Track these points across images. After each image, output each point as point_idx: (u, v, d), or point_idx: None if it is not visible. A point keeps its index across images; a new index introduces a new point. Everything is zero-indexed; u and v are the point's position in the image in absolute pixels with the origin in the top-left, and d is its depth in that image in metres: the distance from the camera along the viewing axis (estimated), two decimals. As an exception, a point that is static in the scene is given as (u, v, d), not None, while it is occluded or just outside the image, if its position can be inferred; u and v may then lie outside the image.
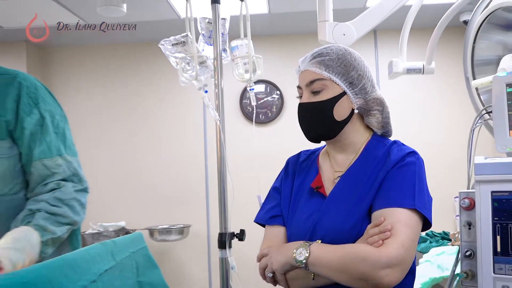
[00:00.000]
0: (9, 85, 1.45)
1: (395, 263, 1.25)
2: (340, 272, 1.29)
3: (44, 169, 1.41)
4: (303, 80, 1.47)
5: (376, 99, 1.47)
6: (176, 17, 3.73)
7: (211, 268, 4.33)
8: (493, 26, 1.80)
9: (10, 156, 1.42)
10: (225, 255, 1.93)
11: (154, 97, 4.45)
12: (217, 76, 2.03)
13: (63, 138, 1.49)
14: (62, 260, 0.89)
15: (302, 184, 1.52)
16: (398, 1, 2.02)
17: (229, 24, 2.14)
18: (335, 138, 1.46)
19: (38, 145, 1.42)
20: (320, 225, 1.40)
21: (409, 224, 1.31)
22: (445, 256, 3.09)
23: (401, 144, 1.47)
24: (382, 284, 1.25)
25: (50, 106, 1.49)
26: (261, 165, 4.13)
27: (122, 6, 2.11)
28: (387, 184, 1.37)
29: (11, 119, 1.42)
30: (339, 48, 1.47)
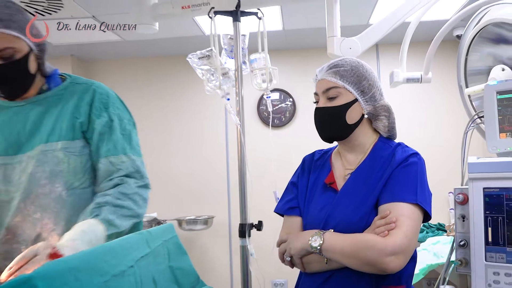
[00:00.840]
0: (85, 92, 1.47)
1: (399, 251, 1.26)
2: (350, 258, 1.30)
3: (110, 165, 1.42)
4: (320, 88, 1.48)
5: (384, 106, 1.49)
6: (201, 34, 3.74)
7: (232, 254, 4.34)
8: (484, 40, 1.78)
9: (82, 154, 1.42)
10: (245, 243, 1.93)
11: (182, 104, 4.47)
12: (238, 86, 2.03)
13: (129, 140, 1.49)
14: (104, 248, 0.89)
15: (317, 180, 1.53)
16: (398, 19, 2.01)
17: (248, 40, 2.15)
18: (346, 139, 1.48)
19: (106, 144, 1.43)
20: (332, 216, 1.41)
21: (412, 217, 1.32)
22: (440, 245, 3.06)
23: (404, 146, 1.49)
24: (387, 269, 1.26)
25: (119, 111, 1.50)
26: (276, 163, 4.14)
27: (155, 24, 2.12)
28: (392, 181, 1.38)
29: (84, 120, 1.44)
30: (352, 60, 1.49)
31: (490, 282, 1.20)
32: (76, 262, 0.76)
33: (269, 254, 1.84)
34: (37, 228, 1.34)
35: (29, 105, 1.45)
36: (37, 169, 1.36)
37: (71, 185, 1.39)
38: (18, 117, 1.43)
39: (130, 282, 0.90)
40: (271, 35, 2.15)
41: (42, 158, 1.37)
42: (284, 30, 3.77)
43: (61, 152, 1.38)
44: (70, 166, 1.39)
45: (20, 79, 1.40)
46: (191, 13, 2.06)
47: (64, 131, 1.41)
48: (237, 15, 1.99)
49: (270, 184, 2.05)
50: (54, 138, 1.39)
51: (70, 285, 0.71)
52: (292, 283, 1.56)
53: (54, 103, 1.45)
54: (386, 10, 3.25)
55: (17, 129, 1.42)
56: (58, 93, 1.47)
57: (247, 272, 1.95)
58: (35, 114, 1.43)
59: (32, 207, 1.35)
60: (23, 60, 1.37)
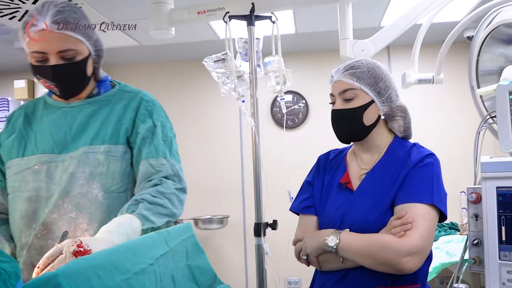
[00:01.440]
0: (132, 99, 1.50)
1: (415, 252, 1.25)
2: (366, 258, 1.29)
3: (149, 167, 1.42)
4: (336, 89, 1.46)
5: (400, 106, 1.47)
6: (216, 38, 3.76)
7: (246, 253, 4.34)
8: (495, 41, 1.76)
9: (123, 159, 1.44)
10: (260, 242, 1.92)
11: (198, 107, 4.49)
12: (252, 88, 2.03)
13: (170, 146, 1.50)
14: (125, 247, 0.90)
15: (332, 179, 1.51)
16: (409, 21, 1.99)
17: (262, 43, 2.14)
18: (363, 140, 1.46)
19: (147, 147, 1.44)
20: (348, 216, 1.39)
21: (428, 217, 1.30)
22: (453, 243, 3.03)
23: (420, 146, 1.46)
24: (404, 270, 1.25)
25: (162, 119, 1.52)
26: (290, 164, 4.14)
27: (171, 29, 2.12)
28: (408, 182, 1.36)
29: (129, 126, 1.45)
30: (368, 61, 1.47)
31: (504, 281, 1.18)
32: (98, 260, 0.76)
33: (283, 252, 1.84)
34: (71, 226, 1.36)
35: (78, 107, 1.47)
36: (78, 169, 1.38)
37: (108, 188, 1.40)
38: (66, 118, 1.46)
39: (150, 279, 0.90)
40: (284, 38, 2.14)
41: (84, 159, 1.39)
42: (297, 33, 3.76)
43: (102, 155, 1.40)
44: (109, 170, 1.40)
45: (77, 80, 1.43)
46: (206, 18, 2.07)
47: (109, 136, 1.43)
48: (251, 19, 1.99)
49: (284, 183, 2.05)
50: (98, 142, 1.41)
51: (93, 282, 0.72)
52: (306, 281, 1.56)
53: (102, 107, 1.48)
54: (397, 13, 3.22)
55: (64, 129, 1.44)
56: (107, 98, 1.50)
57: (263, 270, 1.95)
58: (83, 116, 1.46)
59: (69, 205, 1.36)
60: (82, 62, 1.41)
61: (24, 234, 1.39)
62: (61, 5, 1.36)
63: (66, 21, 1.35)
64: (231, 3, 2.00)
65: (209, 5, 2.04)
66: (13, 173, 1.44)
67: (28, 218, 1.39)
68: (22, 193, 1.40)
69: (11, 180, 1.44)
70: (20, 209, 1.40)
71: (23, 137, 1.47)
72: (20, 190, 1.41)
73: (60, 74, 1.38)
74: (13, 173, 1.44)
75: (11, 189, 1.44)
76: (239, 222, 4.35)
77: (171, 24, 2.10)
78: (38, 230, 1.37)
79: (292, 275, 3.99)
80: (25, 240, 1.38)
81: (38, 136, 1.45)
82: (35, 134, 1.46)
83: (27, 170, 1.41)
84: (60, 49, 1.35)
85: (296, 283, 4.09)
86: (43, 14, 1.33)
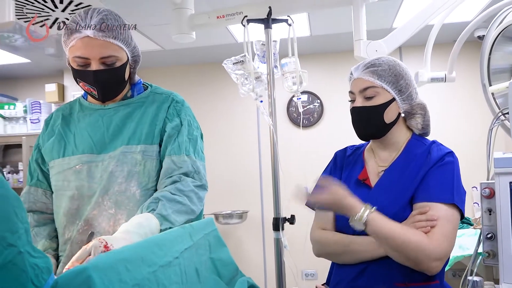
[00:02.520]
0: (164, 101, 1.51)
1: (444, 257, 1.24)
2: (395, 251, 1.25)
3: (171, 163, 1.42)
4: (357, 87, 1.41)
5: (420, 104, 1.42)
6: (235, 42, 3.76)
7: (265, 246, 4.33)
8: (507, 39, 1.72)
9: (157, 158, 1.45)
10: (279, 236, 1.92)
11: (218, 107, 4.50)
12: (270, 88, 2.02)
13: (194, 144, 1.50)
14: (151, 241, 0.90)
15: (349, 175, 1.48)
16: (421, 22, 1.96)
17: (279, 45, 2.13)
18: (382, 137, 1.42)
19: (171, 144, 1.44)
20: None
21: (451, 219, 1.27)
22: (466, 237, 2.97)
23: (439, 144, 1.42)
24: (431, 272, 1.24)
25: (189, 118, 1.52)
26: (306, 161, 4.11)
27: (192, 34, 2.13)
28: (428, 180, 1.32)
29: (162, 126, 1.47)
30: (389, 59, 1.41)
31: (518, 274, 1.15)
32: (127, 254, 0.76)
33: (301, 246, 1.82)
34: (111, 222, 1.37)
35: (113, 108, 1.49)
36: (116, 168, 1.39)
37: (144, 186, 1.41)
38: (103, 119, 1.47)
39: (176, 272, 0.90)
40: (300, 40, 2.13)
41: (122, 158, 1.40)
42: (312, 35, 3.74)
43: (139, 155, 1.41)
44: (146, 168, 1.41)
45: (115, 84, 1.45)
46: (225, 22, 2.06)
47: (144, 136, 1.43)
48: (269, 22, 1.98)
49: (301, 180, 2.04)
50: (135, 142, 1.42)
51: (121, 275, 0.72)
52: (322, 273, 1.54)
53: (137, 109, 1.49)
54: (409, 14, 3.18)
55: (101, 130, 1.46)
56: (140, 100, 1.51)
57: (281, 263, 1.94)
58: (119, 117, 1.47)
59: (108, 203, 1.38)
60: (121, 68, 1.42)
61: (68, 229, 1.41)
62: (104, 13, 1.37)
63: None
64: (249, 8, 2.00)
65: (228, 10, 2.03)
66: (56, 173, 1.46)
67: (71, 215, 1.41)
68: (65, 191, 1.43)
69: (54, 179, 1.47)
70: (63, 206, 1.42)
71: (62, 138, 1.48)
72: (63, 189, 1.43)
73: (101, 79, 1.39)
74: (56, 172, 1.46)
75: (54, 187, 1.47)
76: (258, 217, 4.35)
77: (191, 28, 2.10)
78: (80, 226, 1.39)
79: (309, 267, 3.97)
80: (68, 236, 1.40)
81: (77, 137, 1.47)
82: (73, 135, 1.47)
83: (68, 170, 1.43)
84: (102, 56, 1.36)
85: (312, 275, 4.08)
86: (87, 21, 1.34)
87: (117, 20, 1.40)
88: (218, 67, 2.27)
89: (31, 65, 4.16)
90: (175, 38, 2.14)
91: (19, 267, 0.65)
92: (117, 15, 1.42)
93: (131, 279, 0.73)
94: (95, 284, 0.64)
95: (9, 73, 4.41)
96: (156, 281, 0.81)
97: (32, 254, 0.69)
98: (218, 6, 2.08)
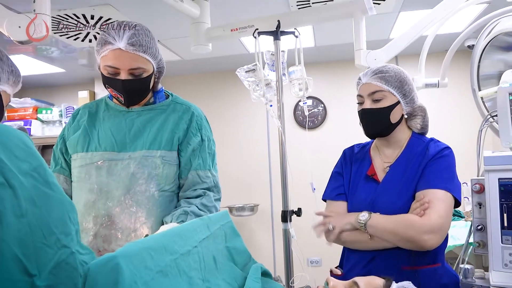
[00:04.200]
0: (185, 112, 1.51)
1: (436, 230, 1.22)
2: (391, 234, 1.26)
3: (197, 177, 1.44)
4: (366, 91, 1.42)
5: (420, 106, 1.45)
6: (247, 52, 3.75)
7: (274, 236, 4.32)
8: (495, 48, 1.70)
9: (175, 164, 1.45)
10: (287, 227, 1.91)
11: (232, 110, 4.50)
12: (278, 94, 2.01)
13: (213, 158, 1.52)
14: (173, 231, 0.90)
15: (359, 170, 1.49)
16: (416, 33, 1.93)
17: (287, 55, 2.12)
18: (387, 136, 1.43)
19: (197, 159, 1.45)
20: (376, 203, 1.37)
21: (444, 199, 1.27)
22: (457, 229, 2.94)
23: (437, 141, 1.45)
24: (425, 246, 1.23)
25: (208, 133, 1.54)
26: (311, 159, 4.09)
27: (209, 45, 2.13)
28: (427, 171, 1.34)
29: (181, 136, 1.46)
30: (394, 67, 1.44)
31: (507, 262, 1.14)
32: (151, 243, 0.76)
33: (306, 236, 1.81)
34: (132, 219, 1.37)
35: (136, 112, 1.49)
36: (138, 170, 1.40)
37: (162, 188, 1.41)
38: (126, 121, 1.47)
39: (195, 260, 0.90)
40: (305, 50, 2.12)
41: (143, 161, 1.40)
42: (316, 46, 3.72)
43: (159, 159, 1.41)
44: (164, 172, 1.42)
45: (141, 93, 1.45)
46: (238, 34, 2.06)
47: (164, 142, 1.43)
48: (277, 34, 1.97)
49: (306, 176, 2.03)
50: (155, 147, 1.43)
51: (146, 262, 0.72)
52: (325, 260, 1.53)
53: (157, 115, 1.49)
54: (404, 26, 3.15)
55: (124, 131, 1.46)
56: (162, 107, 1.51)
57: (289, 251, 1.93)
58: (140, 121, 1.47)
59: (130, 201, 1.38)
60: (148, 79, 1.42)
61: (85, 220, 1.40)
62: (135, 28, 1.37)
63: (139, 43, 1.35)
64: (260, 21, 1.99)
65: (241, 23, 2.03)
66: (78, 165, 1.46)
67: (89, 206, 1.41)
68: (85, 184, 1.42)
69: (76, 171, 1.46)
70: (83, 197, 1.42)
71: (87, 133, 1.48)
72: (84, 181, 1.43)
73: (128, 88, 1.39)
74: (78, 165, 1.46)
75: (75, 178, 1.46)
76: (268, 209, 4.34)
77: (208, 40, 2.10)
78: (104, 221, 1.38)
79: (314, 255, 3.95)
80: (85, 226, 1.40)
81: (100, 135, 1.46)
82: (97, 132, 1.47)
83: (91, 165, 1.43)
84: (131, 67, 1.36)
85: (317, 262, 4.06)
86: (120, 35, 1.33)
87: (147, 35, 1.39)
88: (232, 75, 2.26)
89: (66, 74, 4.20)
90: (193, 49, 2.14)
91: (71, 265, 0.66)
92: (147, 29, 1.41)
93: (155, 265, 0.73)
94: (123, 270, 0.64)
95: (46, 81, 4.46)
96: (177, 267, 0.81)
97: (81, 252, 0.69)
98: (231, 20, 2.08)
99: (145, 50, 1.37)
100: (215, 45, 2.26)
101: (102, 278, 0.62)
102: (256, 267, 1.17)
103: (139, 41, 1.35)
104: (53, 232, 0.64)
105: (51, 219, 0.64)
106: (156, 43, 1.44)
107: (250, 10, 2.78)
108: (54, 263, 0.63)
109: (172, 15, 2.75)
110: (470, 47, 3.39)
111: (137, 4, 2.64)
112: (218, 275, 1.00)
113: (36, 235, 0.61)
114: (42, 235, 0.62)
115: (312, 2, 2.65)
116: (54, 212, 0.65)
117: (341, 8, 1.91)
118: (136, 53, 1.35)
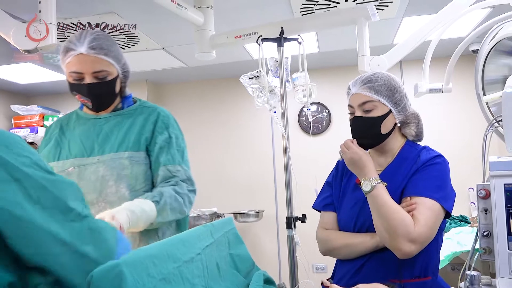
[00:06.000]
0: (151, 113, 1.55)
1: (418, 240, 1.18)
2: (381, 218, 1.22)
3: (168, 172, 1.46)
4: (356, 101, 1.38)
5: (413, 114, 1.40)
6: (250, 59, 3.76)
7: (279, 243, 4.31)
8: (499, 53, 1.69)
9: (144, 163, 1.48)
10: (292, 233, 1.90)
11: (236, 117, 4.50)
12: (282, 100, 2.02)
13: (182, 154, 1.54)
14: (176, 238, 0.90)
15: (349, 180, 1.46)
16: (420, 38, 1.93)
17: (290, 61, 2.13)
18: (378, 146, 1.40)
19: (165, 156, 1.48)
20: (363, 212, 1.34)
21: (432, 208, 1.23)
22: (463, 234, 2.91)
23: (430, 149, 1.39)
24: (400, 252, 1.18)
25: (176, 131, 1.56)
26: (315, 165, 4.08)
27: (213, 52, 2.14)
28: (416, 177, 1.30)
29: (149, 136, 1.50)
30: (383, 74, 1.38)
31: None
32: (154, 250, 0.76)
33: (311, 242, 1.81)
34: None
35: (104, 118, 1.53)
36: (107, 172, 1.43)
37: (133, 187, 1.44)
38: (95, 128, 1.52)
39: (198, 267, 0.90)
40: (309, 56, 2.12)
41: (111, 163, 1.43)
42: (320, 52, 3.73)
43: (127, 160, 1.44)
44: (133, 172, 1.45)
45: (107, 96, 1.49)
46: (242, 41, 2.07)
47: (131, 144, 1.47)
48: (281, 41, 1.98)
49: (311, 182, 2.02)
50: (123, 149, 1.46)
51: (149, 270, 0.72)
52: (331, 267, 1.52)
53: (125, 119, 1.53)
54: (408, 31, 3.15)
55: (92, 137, 1.50)
56: (129, 112, 1.55)
57: (294, 258, 1.92)
58: (108, 126, 1.51)
59: (103, 203, 1.41)
60: (112, 82, 1.46)
61: None
62: (96, 34, 1.42)
63: (100, 47, 1.40)
64: (263, 28, 2.00)
65: (244, 30, 2.04)
66: None
67: None
68: None
69: None
70: None
71: (58, 144, 1.53)
72: None
73: (94, 91, 1.43)
74: None
75: None
76: (272, 216, 4.32)
77: (212, 47, 2.11)
78: None
79: (319, 262, 3.93)
80: None
81: (71, 143, 1.51)
82: (68, 142, 1.52)
83: (62, 172, 1.47)
84: (94, 70, 1.40)
85: (322, 268, 4.03)
86: (81, 41, 1.38)
87: (108, 39, 1.44)
88: (236, 82, 2.27)
89: (71, 81, 4.23)
90: (197, 56, 2.15)
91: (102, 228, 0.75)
92: (108, 35, 1.47)
93: (158, 273, 0.73)
94: (126, 278, 0.64)
95: (52, 88, 4.49)
96: (180, 275, 0.81)
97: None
98: (235, 27, 2.08)
99: (106, 53, 1.41)
100: (219, 52, 2.26)
101: (106, 285, 0.62)
102: (258, 274, 1.16)
103: (100, 44, 1.40)
104: (71, 209, 0.70)
105: (66, 198, 0.70)
106: (119, 48, 1.50)
107: (254, 17, 2.79)
108: (86, 230, 0.70)
109: (177, 22, 2.77)
110: (474, 51, 3.38)
111: (141, 12, 2.66)
112: (221, 283, 0.99)
113: (56, 216, 0.67)
114: (62, 213, 0.68)
115: (315, 8, 2.65)
116: (67, 191, 0.71)
117: (344, 14, 1.92)
118: (97, 56, 1.39)
